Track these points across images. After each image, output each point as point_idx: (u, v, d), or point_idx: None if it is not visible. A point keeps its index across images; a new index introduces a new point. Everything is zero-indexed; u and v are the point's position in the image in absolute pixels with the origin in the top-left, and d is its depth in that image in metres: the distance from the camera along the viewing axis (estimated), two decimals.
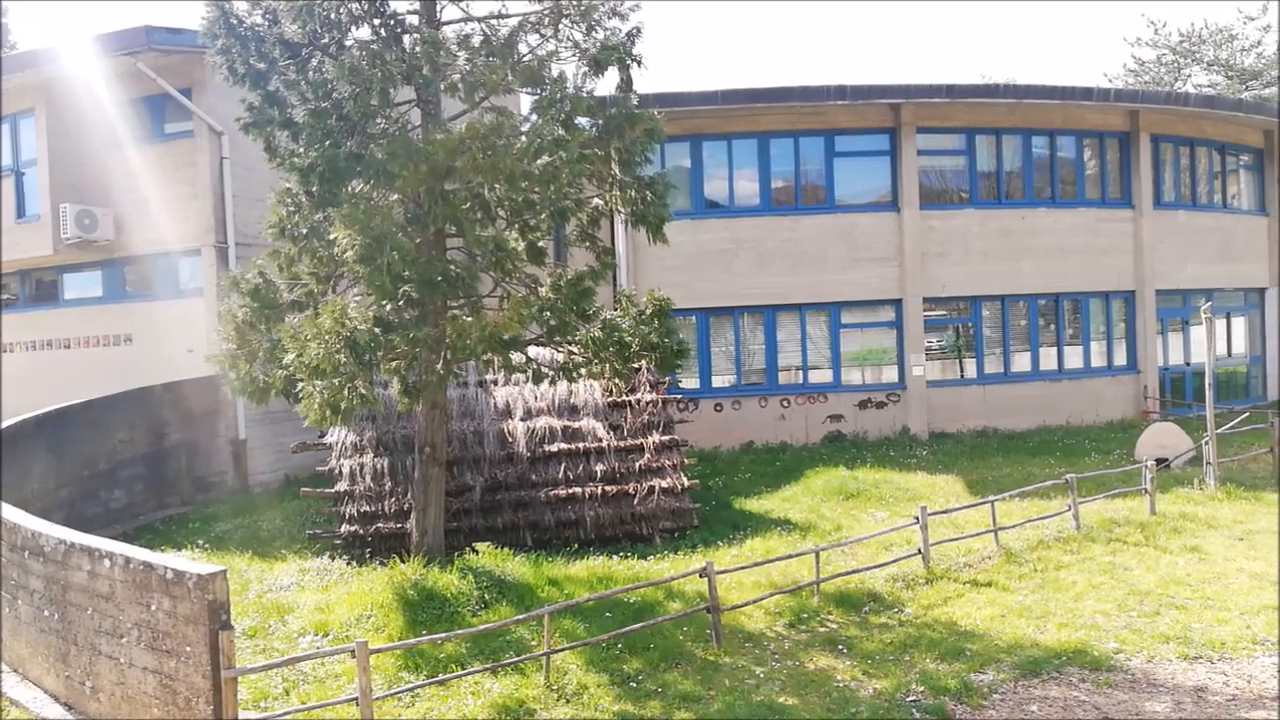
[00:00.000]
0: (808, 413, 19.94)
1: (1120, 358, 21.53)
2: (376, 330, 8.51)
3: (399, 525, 11.63)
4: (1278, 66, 39.97)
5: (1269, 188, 24.72)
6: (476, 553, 10.75)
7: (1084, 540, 11.82)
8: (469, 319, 8.97)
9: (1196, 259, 22.31)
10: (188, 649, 6.62)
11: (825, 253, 19.90)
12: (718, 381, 20.20)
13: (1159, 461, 15.24)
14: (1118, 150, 21.82)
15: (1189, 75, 44.05)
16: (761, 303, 19.91)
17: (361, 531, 11.76)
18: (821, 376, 20.20)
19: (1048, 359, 21.07)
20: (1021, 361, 20.93)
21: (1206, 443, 14.39)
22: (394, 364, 9.37)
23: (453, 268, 9.04)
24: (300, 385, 8.81)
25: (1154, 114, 21.71)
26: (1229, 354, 23.76)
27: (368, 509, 11.86)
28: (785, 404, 19.92)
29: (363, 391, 8.51)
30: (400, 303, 8.95)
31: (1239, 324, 24.17)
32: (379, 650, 7.51)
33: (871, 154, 20.43)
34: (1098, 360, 21.41)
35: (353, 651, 6.89)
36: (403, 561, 10.43)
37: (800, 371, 20.23)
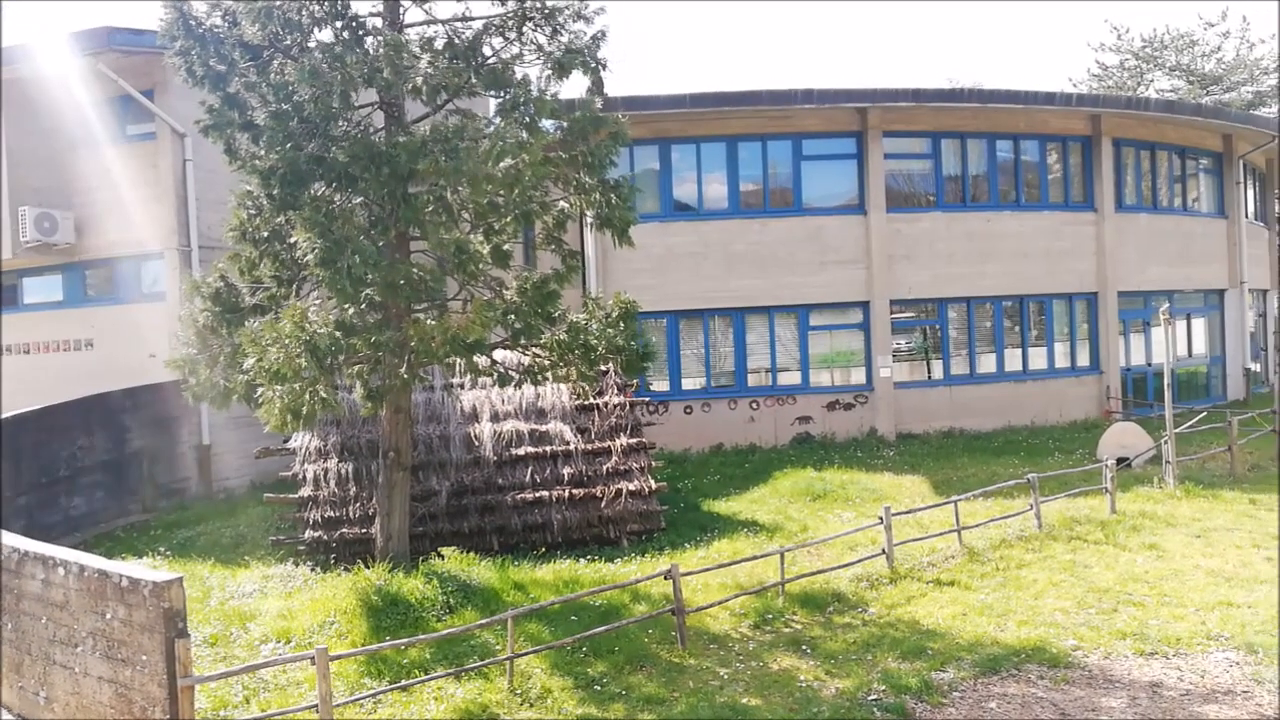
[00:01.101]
0: (777, 414, 20.03)
1: (1083, 358, 21.84)
2: (337, 334, 8.45)
3: (364, 530, 11.55)
4: (1278, 64, 40.65)
5: (1228, 191, 25.20)
6: (442, 558, 10.71)
7: (1045, 539, 11.98)
8: (432, 322, 8.92)
9: (1157, 261, 22.68)
10: (143, 657, 6.54)
11: (793, 255, 20.01)
12: (687, 384, 20.25)
13: (1121, 461, 15.47)
14: (1080, 154, 22.14)
15: (1151, 80, 44.77)
16: (730, 305, 19.99)
17: (325, 537, 11.68)
18: (790, 378, 20.31)
19: (1013, 360, 21.32)
20: (987, 363, 21.17)
21: (1166, 442, 14.63)
22: (357, 368, 9.31)
23: (415, 271, 8.99)
24: (260, 390, 8.73)
25: (1115, 118, 22.06)
26: (1190, 354, 24.17)
27: (332, 514, 11.78)
28: (754, 406, 20.00)
29: (324, 396, 8.46)
30: (362, 306, 8.90)
31: (1199, 325, 24.60)
32: (339, 656, 7.46)
33: (839, 157, 20.59)
34: (1061, 361, 21.71)
35: (313, 658, 6.85)
36: (367, 567, 10.36)
37: (769, 373, 20.34)
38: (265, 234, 9.66)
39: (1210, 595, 9.78)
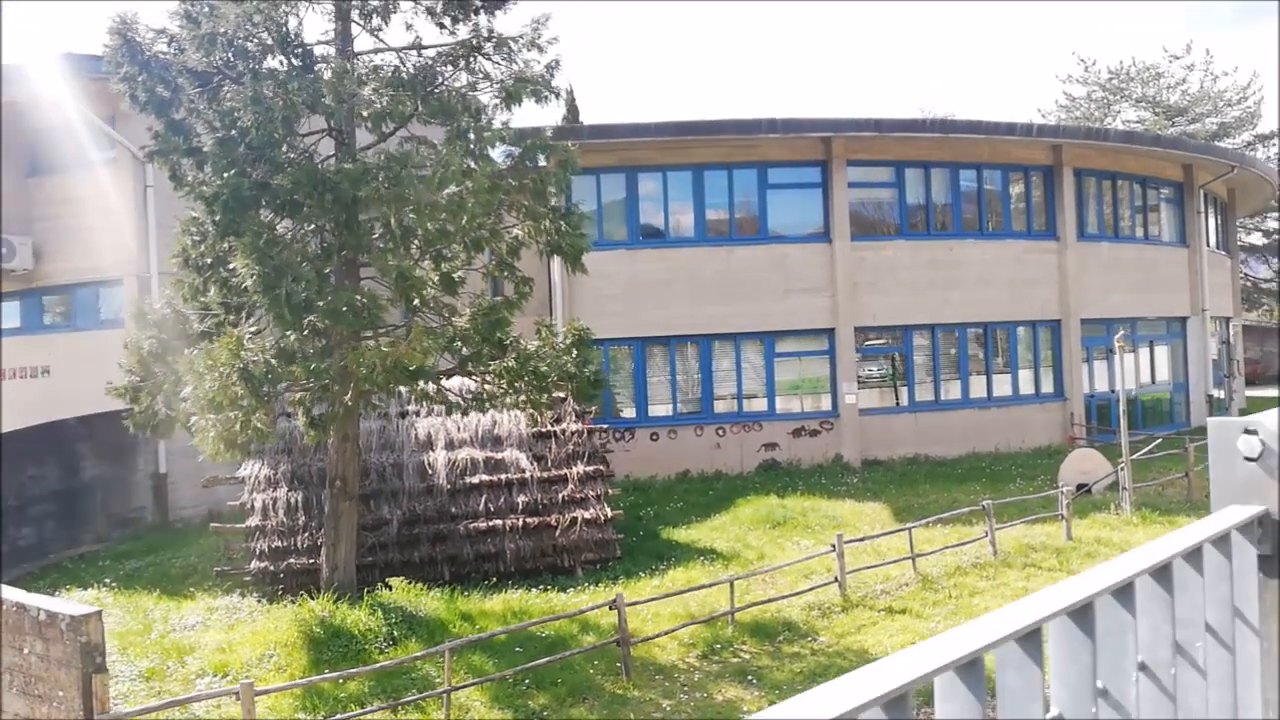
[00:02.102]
0: (743, 441, 20.00)
1: (1047, 385, 21.97)
2: (274, 361, 8.36)
3: (311, 561, 11.38)
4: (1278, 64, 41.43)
5: (1189, 220, 25.55)
6: (390, 588, 10.56)
7: (1000, 566, 11.96)
8: (371, 349, 8.85)
9: (1119, 289, 22.91)
10: (60, 693, 6.37)
11: (760, 283, 20.07)
12: (654, 410, 20.19)
13: (1081, 487, 15.52)
14: (1042, 183, 22.41)
15: (1118, 111, 45.57)
16: (697, 332, 20.00)
17: (272, 568, 11.49)
18: (757, 405, 20.30)
19: (977, 387, 21.42)
20: (952, 389, 21.26)
21: (1123, 468, 14.70)
22: (299, 396, 9.20)
23: (360, 298, 8.94)
24: (194, 419, 8.62)
25: (1076, 148, 22.37)
26: (1153, 381, 24.38)
27: (279, 544, 11.60)
28: (721, 433, 19.96)
29: (259, 425, 8.35)
30: (304, 333, 8.82)
31: (1162, 352, 24.83)
32: (268, 691, 7.30)
33: (804, 186, 20.74)
34: (1025, 388, 21.83)
35: (238, 693, 6.70)
36: (314, 598, 10.20)
37: (736, 400, 20.32)
38: (209, 260, 9.56)
39: None
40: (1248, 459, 1.36)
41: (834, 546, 11.03)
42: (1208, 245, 26.33)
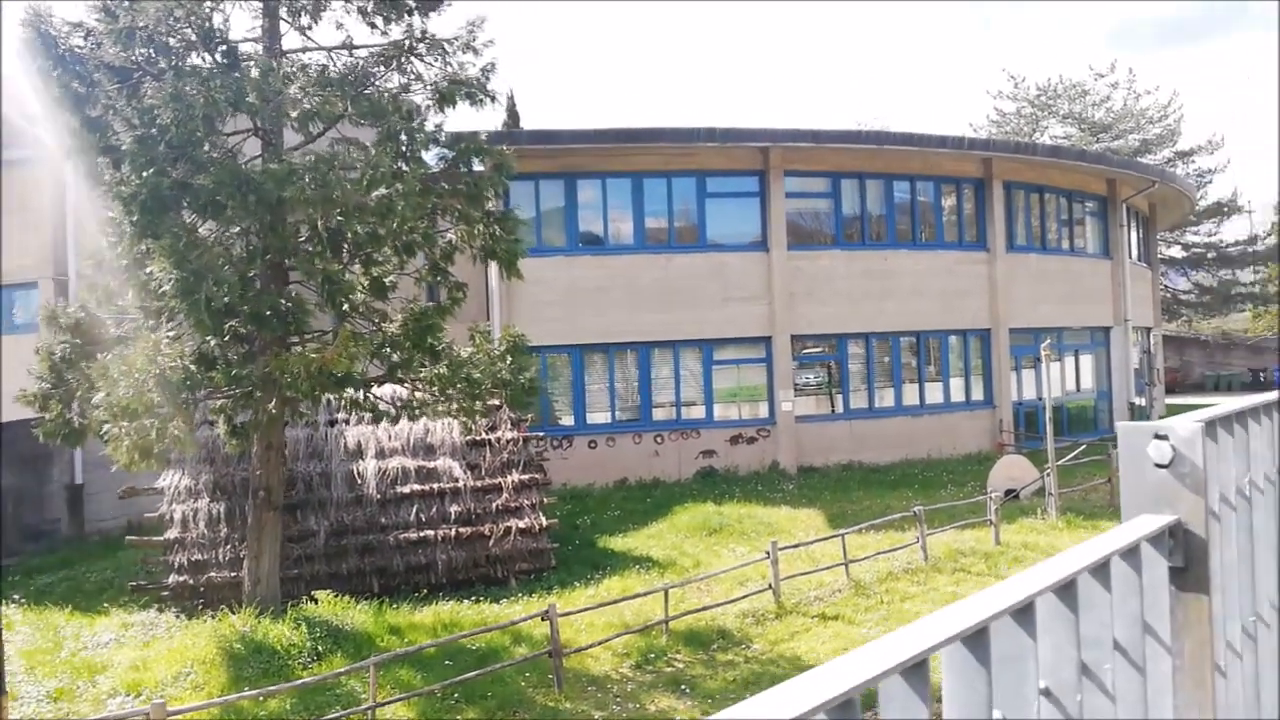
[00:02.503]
0: (681, 448, 20.00)
1: (977, 393, 22.43)
2: (193, 367, 8.07)
3: (233, 574, 11.01)
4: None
5: (1112, 233, 26.38)
6: (315, 601, 10.27)
7: (930, 571, 12.13)
8: (297, 355, 8.61)
9: (1046, 300, 23.52)
10: None
11: (698, 291, 20.13)
12: (593, 418, 20.09)
13: (1009, 493, 15.84)
14: (973, 196, 22.91)
15: (1046, 126, 46.94)
16: (636, 339, 19.96)
17: (192, 582, 11.10)
18: (695, 413, 20.34)
19: (910, 394, 21.77)
20: (885, 397, 21.57)
21: (1049, 474, 15.05)
22: (221, 403, 8.90)
23: (285, 303, 8.68)
24: (107, 427, 8.27)
25: (1006, 162, 22.92)
26: (1078, 389, 25.07)
27: (200, 557, 11.21)
28: (659, 440, 19.94)
29: (176, 434, 8.04)
30: (226, 338, 8.53)
31: (1087, 361, 25.56)
32: (181, 711, 7.02)
33: (742, 195, 20.87)
34: (956, 395, 22.25)
35: (149, 714, 6.42)
36: (236, 613, 9.87)
37: (674, 408, 20.33)
38: (126, 262, 9.20)
39: None
40: (1158, 465, 1.30)
41: (769, 554, 11.05)
42: (1130, 258, 27.20)
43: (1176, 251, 46.33)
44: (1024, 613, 1.03)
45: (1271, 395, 1.69)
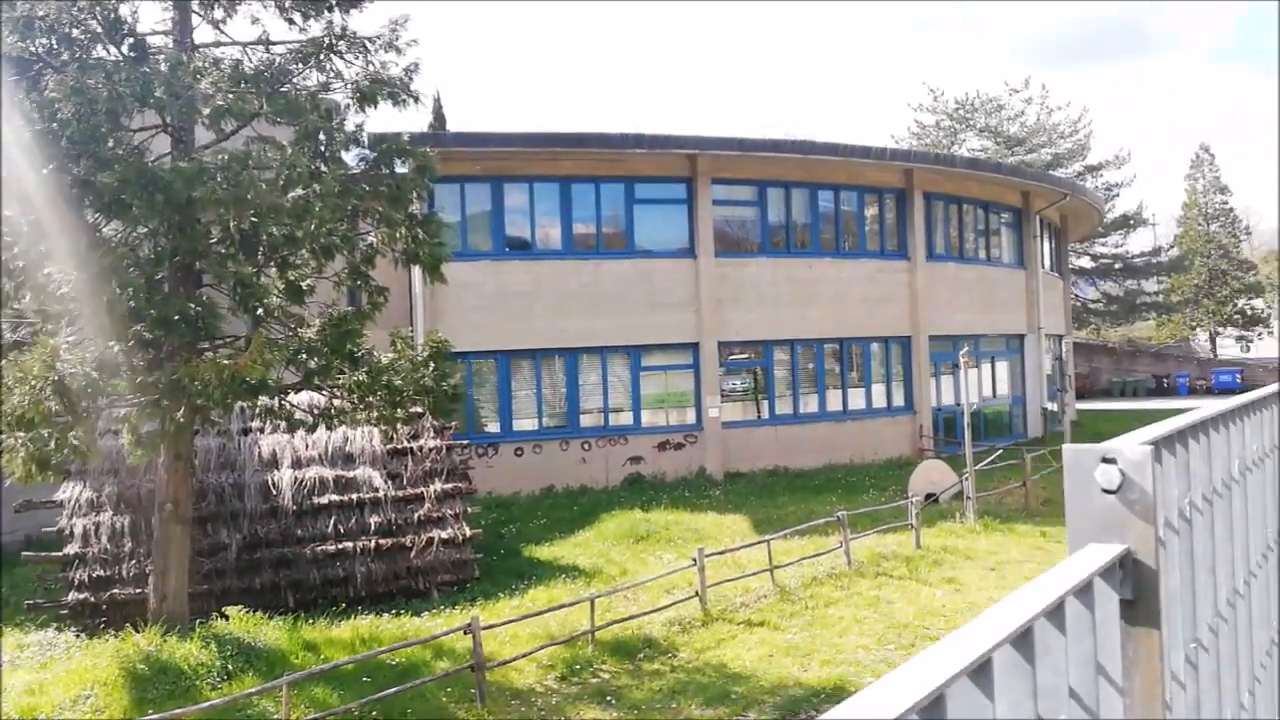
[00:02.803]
0: (609, 455, 19.91)
1: (898, 399, 22.89)
2: (94, 374, 7.67)
3: (138, 591, 10.52)
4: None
5: (1026, 244, 27.25)
6: (226, 618, 9.86)
7: (854, 575, 12.27)
8: (208, 362, 8.25)
9: (965, 308, 24.16)
10: None
11: (626, 297, 20.09)
12: (519, 425, 19.86)
13: (929, 497, 16.16)
14: (895, 206, 23.40)
15: (964, 139, 48.36)
16: (563, 345, 19.81)
17: (94, 599, 10.57)
18: (623, 419, 20.28)
19: (834, 400, 22.10)
20: (810, 403, 21.85)
21: (967, 478, 15.40)
22: (125, 412, 8.48)
23: (193, 306, 8.32)
24: (1, 437, 7.81)
25: (926, 173, 23.47)
26: (994, 395, 25.79)
27: (102, 574, 10.68)
28: (587, 447, 19.82)
29: (76, 444, 7.63)
30: (130, 344, 8.13)
31: (1002, 367, 26.31)
32: None
33: (670, 202, 20.91)
34: (878, 401, 22.67)
35: None
36: (140, 632, 9.42)
37: (602, 414, 20.24)
38: (22, 263, 8.71)
39: None
40: (1106, 491, 1.23)
41: (695, 561, 11.03)
42: (1043, 268, 28.14)
43: (1086, 262, 48.19)
44: (981, 672, 0.93)
45: (1205, 410, 1.67)
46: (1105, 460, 1.21)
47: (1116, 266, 48.40)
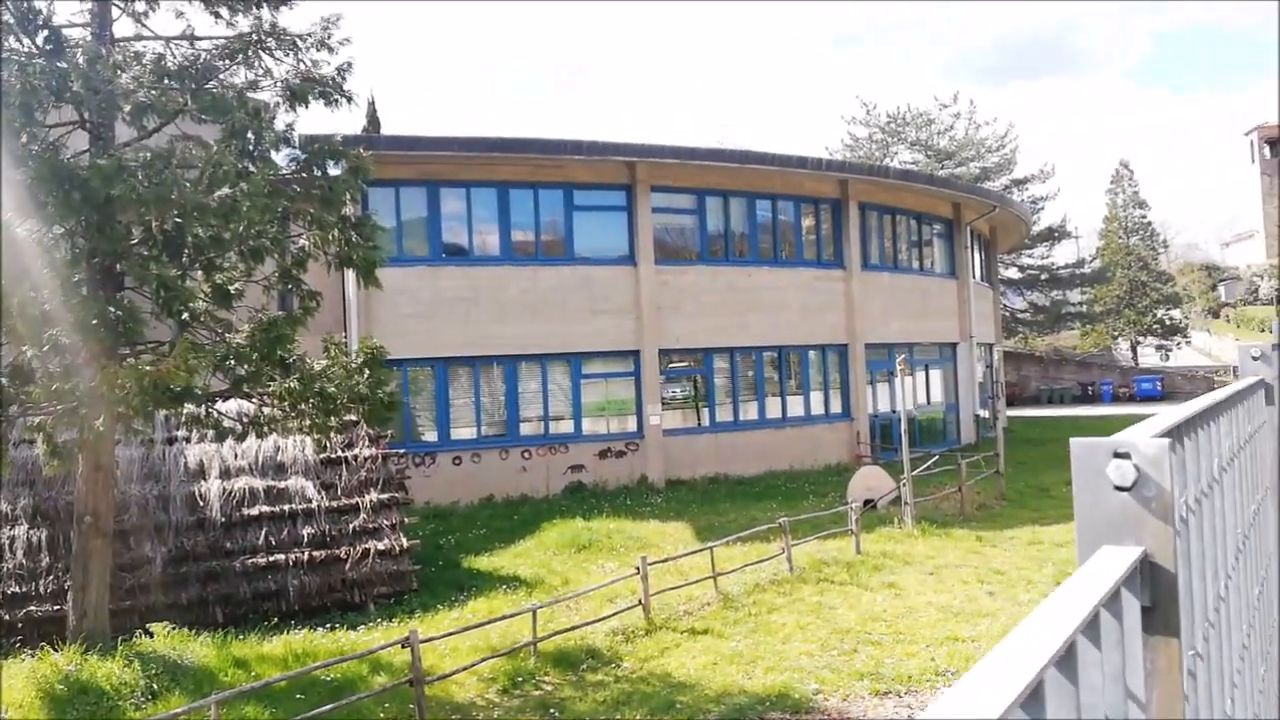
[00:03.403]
0: (549, 463, 19.70)
1: (836, 405, 23.14)
2: (4, 381, 7.26)
3: (56, 607, 10.00)
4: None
5: (958, 254, 27.84)
6: (150, 635, 9.44)
7: (796, 581, 12.29)
8: (129, 368, 7.89)
9: (899, 316, 24.55)
10: None
11: (566, 304, 19.93)
12: (457, 433, 19.53)
13: (868, 502, 16.31)
14: (831, 215, 23.70)
15: (896, 152, 49.34)
16: (502, 352, 19.55)
17: (8, 617, 10.01)
18: (563, 427, 20.09)
19: (773, 407, 22.23)
20: (749, 410, 21.94)
21: (904, 484, 15.59)
22: (40, 420, 8.06)
23: (113, 310, 7.95)
24: None
25: (861, 184, 23.83)
26: (928, 402, 26.24)
27: (17, 590, 10.13)
28: (526, 455, 19.58)
29: None
30: (45, 349, 7.73)
31: (936, 375, 26.81)
32: None
33: (609, 209, 20.83)
34: (816, 408, 22.88)
35: None
36: (59, 650, 8.95)
37: (542, 422, 20.02)
38: None
39: (939, 631, 10.30)
40: (1119, 488, 1.14)
41: (638, 569, 10.92)
42: (974, 278, 28.78)
43: (1014, 273, 49.50)
44: (1034, 698, 0.80)
45: (1195, 404, 1.62)
46: (1118, 455, 1.11)
47: (1042, 278, 49.82)
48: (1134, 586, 1.08)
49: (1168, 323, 51.99)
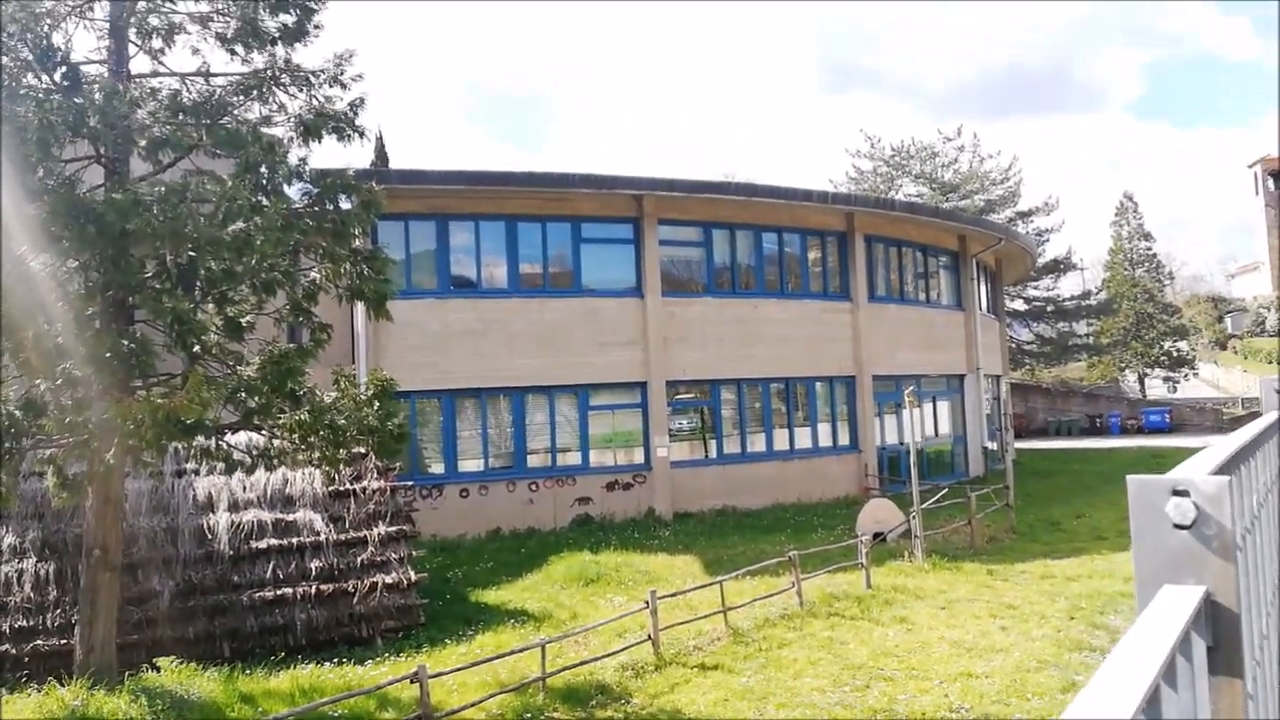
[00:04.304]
0: (556, 496, 19.64)
1: (844, 437, 23.06)
2: (18, 413, 7.28)
3: (64, 641, 9.94)
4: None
5: (964, 286, 27.88)
6: (158, 670, 9.37)
7: (806, 616, 12.17)
8: (141, 400, 7.91)
9: (906, 348, 24.54)
10: None
11: (573, 336, 19.98)
12: (465, 466, 19.50)
13: (877, 536, 16.20)
14: (837, 248, 23.78)
15: (900, 185, 49.62)
16: (510, 384, 19.57)
17: (15, 651, 9.95)
18: (571, 459, 20.05)
19: (780, 439, 22.16)
20: (757, 442, 21.88)
21: (914, 517, 15.49)
22: (50, 453, 8.06)
23: (126, 343, 7.98)
24: None
25: (867, 216, 23.94)
26: (936, 434, 26.14)
27: (25, 624, 10.08)
28: (534, 488, 19.52)
29: None
30: (58, 382, 7.75)
31: (944, 407, 26.73)
32: None
33: (617, 241, 20.94)
34: (824, 440, 22.81)
35: None
36: (66, 685, 8.88)
37: (549, 454, 19.98)
38: None
39: (953, 667, 10.18)
40: (1179, 526, 1.12)
41: (647, 603, 10.83)
42: (980, 309, 28.79)
43: (1020, 305, 49.53)
44: None
45: (1235, 438, 1.61)
46: (1177, 493, 1.10)
47: (1048, 309, 49.82)
48: (1199, 627, 1.06)
49: (1175, 354, 51.84)
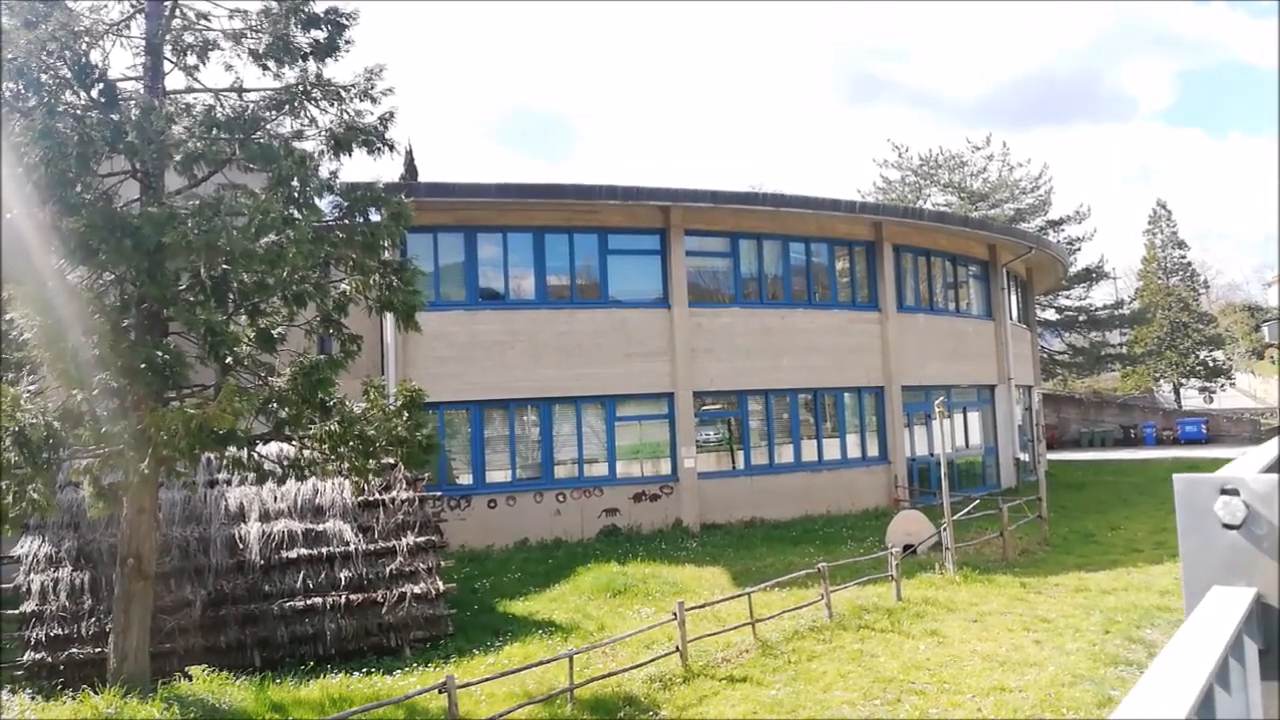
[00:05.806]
0: (583, 507, 19.64)
1: (873, 449, 22.87)
2: (56, 424, 7.40)
3: (98, 650, 10.08)
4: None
5: (994, 295, 27.61)
6: (189, 678, 9.46)
7: (836, 629, 12.06)
8: (175, 411, 8.01)
9: (935, 358, 24.32)
10: None
11: (600, 346, 20.00)
12: (492, 476, 19.56)
13: (907, 548, 16.03)
14: (865, 258, 23.65)
15: (929, 194, 49.31)
16: (537, 395, 19.63)
17: (51, 659, 10.10)
18: (597, 470, 20.04)
19: (808, 450, 22.02)
20: (785, 453, 21.76)
21: (945, 529, 15.31)
22: (86, 463, 8.19)
23: (161, 355, 8.10)
24: None
25: (895, 226, 23.78)
26: (966, 445, 25.87)
27: (60, 632, 10.23)
28: (561, 498, 19.53)
29: (36, 496, 7.33)
30: (94, 393, 7.88)
31: (974, 418, 26.44)
32: None
33: (643, 253, 20.97)
34: (853, 451, 22.63)
35: None
36: (99, 693, 8.99)
37: (577, 465, 19.99)
38: None
39: (985, 681, 10.03)
40: (1228, 526, 1.09)
41: (675, 615, 10.79)
42: (1011, 319, 28.49)
43: (1051, 314, 48.96)
44: None
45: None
46: (1225, 491, 1.06)
47: (1081, 319, 49.21)
48: (1251, 629, 1.03)
49: (1211, 364, 50.95)
